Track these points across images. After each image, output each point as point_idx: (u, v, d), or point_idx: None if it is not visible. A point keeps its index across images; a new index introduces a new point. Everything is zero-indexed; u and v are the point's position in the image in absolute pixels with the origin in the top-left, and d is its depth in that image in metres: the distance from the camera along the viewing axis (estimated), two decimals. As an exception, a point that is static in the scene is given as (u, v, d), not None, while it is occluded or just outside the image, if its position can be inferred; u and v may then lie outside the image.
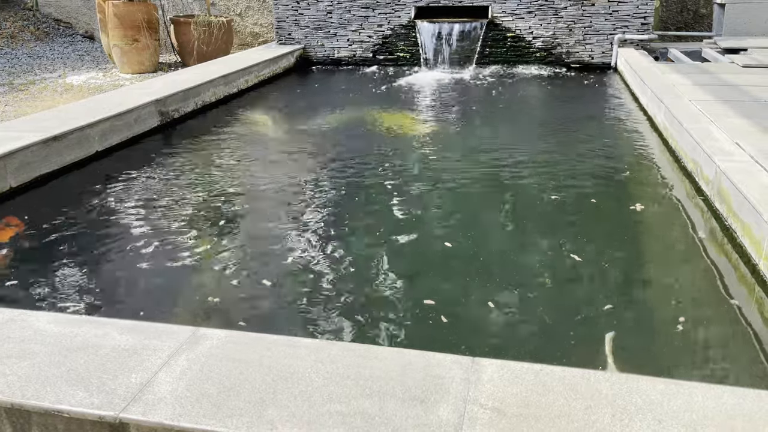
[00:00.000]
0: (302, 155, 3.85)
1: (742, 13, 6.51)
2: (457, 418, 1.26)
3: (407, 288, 2.22)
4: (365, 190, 3.21)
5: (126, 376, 1.41)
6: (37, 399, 1.35)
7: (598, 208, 2.99)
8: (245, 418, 1.27)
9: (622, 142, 3.98)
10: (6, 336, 1.58)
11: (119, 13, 7.23)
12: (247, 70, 5.70)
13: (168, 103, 4.45)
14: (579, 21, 6.48)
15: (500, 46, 6.70)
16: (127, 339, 1.55)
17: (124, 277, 2.35)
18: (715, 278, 2.29)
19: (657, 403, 1.29)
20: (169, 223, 2.81)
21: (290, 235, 2.66)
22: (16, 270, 2.41)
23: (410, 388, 1.35)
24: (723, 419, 1.26)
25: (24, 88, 6.60)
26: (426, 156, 3.76)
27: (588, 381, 1.37)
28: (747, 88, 4.26)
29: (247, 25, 8.99)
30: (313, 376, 1.40)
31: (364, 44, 6.99)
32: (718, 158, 2.80)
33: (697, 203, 2.92)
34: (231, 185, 3.30)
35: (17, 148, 3.17)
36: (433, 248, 2.54)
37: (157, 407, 1.31)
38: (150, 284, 2.31)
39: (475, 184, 3.26)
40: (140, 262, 2.44)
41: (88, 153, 3.64)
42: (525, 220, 2.84)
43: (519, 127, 4.49)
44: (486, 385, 1.36)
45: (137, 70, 7.41)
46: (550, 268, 2.35)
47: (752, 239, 2.33)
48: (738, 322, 2.03)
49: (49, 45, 9.02)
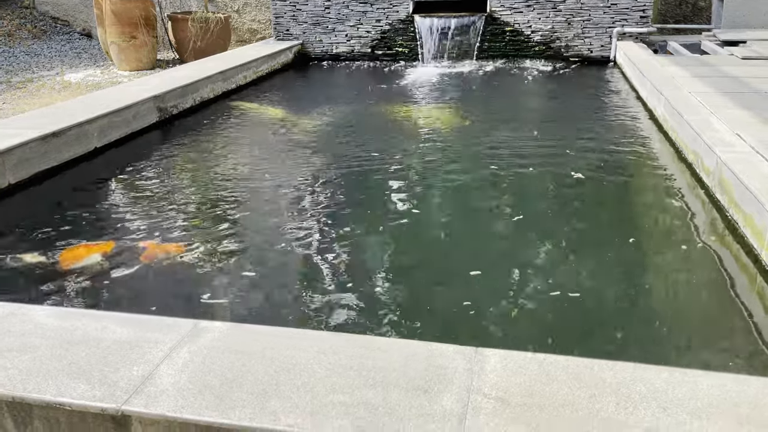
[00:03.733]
0: (302, 149, 3.84)
1: (741, 6, 6.50)
2: (460, 407, 1.26)
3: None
4: (371, 177, 3.21)
5: (128, 368, 1.40)
6: (39, 392, 1.34)
7: (596, 199, 2.98)
8: (248, 409, 1.27)
9: (622, 134, 3.97)
10: (6, 330, 1.57)
11: (116, 10, 7.20)
12: (245, 66, 5.68)
13: (166, 99, 4.44)
14: (578, 14, 6.46)
15: (499, 40, 6.68)
16: (128, 332, 1.54)
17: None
18: (718, 269, 2.28)
19: (662, 391, 1.29)
20: (184, 214, 2.80)
21: (291, 230, 2.66)
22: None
23: (413, 379, 1.35)
24: (728, 407, 1.25)
25: (22, 85, 6.58)
26: (425, 155, 3.75)
27: (592, 370, 1.36)
28: (747, 79, 4.25)
29: (245, 21, 8.97)
30: (315, 367, 1.39)
31: (363, 39, 6.97)
32: (719, 149, 2.80)
33: (697, 194, 2.92)
34: (232, 177, 3.29)
35: (15, 144, 3.16)
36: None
37: (159, 399, 1.30)
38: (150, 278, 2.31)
39: (475, 184, 3.25)
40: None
41: (87, 149, 3.63)
42: (520, 222, 2.83)
43: (516, 122, 4.47)
44: (489, 374, 1.36)
45: (135, 67, 7.39)
46: (541, 255, 2.35)
47: (754, 229, 2.33)
48: (741, 312, 2.02)
49: (47, 43, 8.99)
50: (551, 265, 2.30)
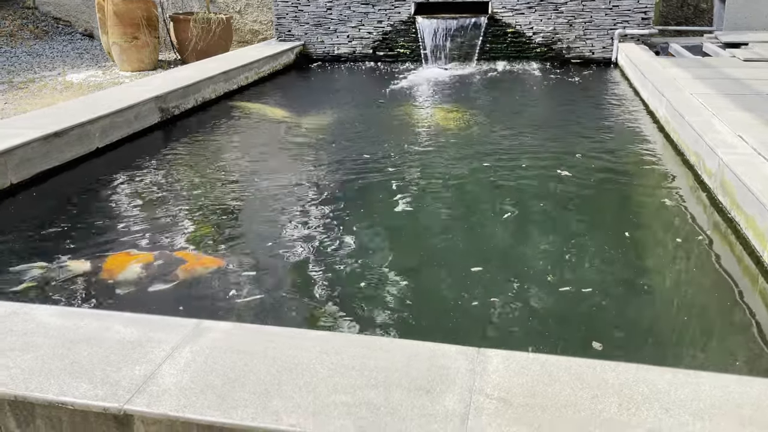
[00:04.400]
0: (305, 148, 3.84)
1: (743, 8, 6.50)
2: (463, 407, 1.26)
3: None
4: (374, 173, 3.22)
5: (130, 368, 1.40)
6: (41, 391, 1.34)
7: (598, 200, 2.98)
8: (250, 409, 1.27)
9: (623, 135, 3.97)
10: (9, 329, 1.57)
11: (119, 11, 7.21)
12: (247, 67, 5.69)
13: (168, 99, 4.44)
14: (579, 16, 6.47)
15: (500, 41, 6.68)
16: (131, 331, 1.54)
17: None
18: (720, 270, 2.28)
19: (664, 392, 1.29)
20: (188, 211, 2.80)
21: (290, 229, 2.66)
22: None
23: (415, 379, 1.35)
24: (730, 408, 1.25)
25: (23, 86, 6.59)
26: (427, 154, 3.76)
27: (594, 371, 1.36)
28: (749, 81, 4.25)
29: (247, 22, 8.97)
30: (317, 367, 1.39)
31: (364, 40, 6.97)
32: (721, 150, 2.80)
33: (699, 196, 2.92)
34: (239, 179, 3.29)
35: (17, 144, 3.16)
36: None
37: (161, 399, 1.30)
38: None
39: (477, 182, 3.26)
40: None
41: (89, 149, 3.63)
42: (515, 223, 2.83)
43: (517, 123, 4.47)
44: (492, 375, 1.36)
45: (137, 68, 7.39)
46: (547, 257, 2.35)
47: (756, 231, 2.33)
48: (743, 313, 2.02)
49: (49, 43, 9.00)
50: (553, 265, 2.30)
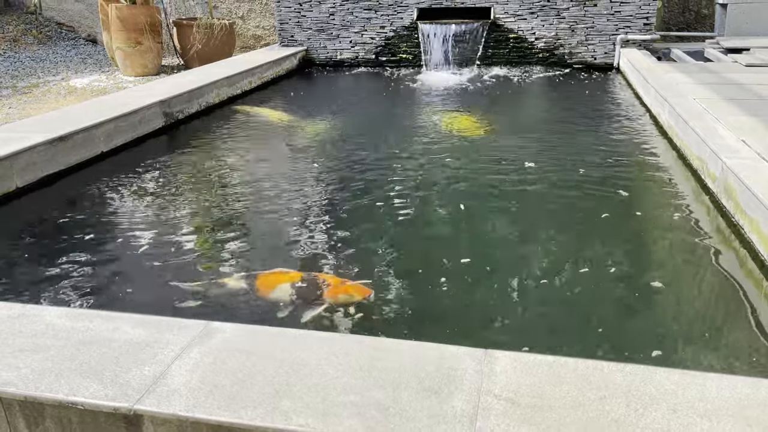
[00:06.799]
0: (307, 153, 3.86)
1: (745, 13, 6.52)
2: (471, 408, 1.26)
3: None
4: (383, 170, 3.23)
5: (139, 368, 1.41)
6: (51, 392, 1.35)
7: (601, 205, 2.99)
8: (259, 409, 1.27)
9: (626, 140, 3.98)
10: (18, 330, 1.58)
11: (122, 16, 7.25)
12: (250, 72, 5.71)
13: (172, 104, 4.46)
14: (581, 21, 6.49)
15: (502, 47, 6.71)
16: (140, 332, 1.55)
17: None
18: (724, 274, 2.28)
19: (671, 393, 1.29)
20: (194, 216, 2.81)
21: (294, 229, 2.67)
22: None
23: (424, 380, 1.35)
24: (737, 409, 1.26)
25: (27, 90, 6.62)
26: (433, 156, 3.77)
27: (601, 372, 1.37)
28: (751, 86, 4.26)
29: (250, 27, 9.01)
30: (326, 368, 1.40)
31: (367, 46, 7.00)
32: (725, 155, 2.80)
33: (703, 200, 2.92)
34: (246, 182, 3.31)
35: (23, 148, 3.18)
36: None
37: (171, 399, 1.31)
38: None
39: (479, 188, 3.27)
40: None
41: (94, 153, 3.65)
42: (512, 233, 2.84)
43: (519, 127, 4.49)
44: (499, 376, 1.36)
45: (140, 73, 7.42)
46: (553, 266, 2.36)
47: (760, 235, 2.33)
48: (747, 317, 2.03)
49: (52, 48, 9.04)
50: (554, 269, 2.31)
